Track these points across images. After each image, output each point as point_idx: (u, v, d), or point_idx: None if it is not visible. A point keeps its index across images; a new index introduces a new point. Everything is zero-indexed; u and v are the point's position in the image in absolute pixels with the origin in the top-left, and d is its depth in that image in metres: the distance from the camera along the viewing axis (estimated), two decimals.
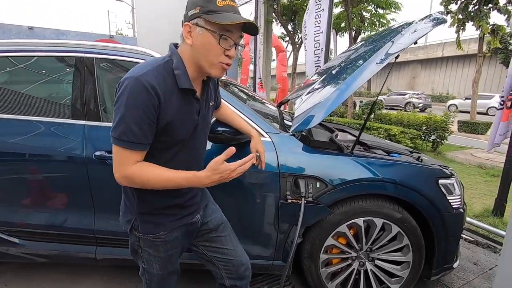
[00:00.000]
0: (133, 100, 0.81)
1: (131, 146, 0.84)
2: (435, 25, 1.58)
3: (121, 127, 0.82)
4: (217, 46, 0.85)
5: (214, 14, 0.82)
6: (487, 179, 4.62)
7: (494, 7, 8.97)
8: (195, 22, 0.84)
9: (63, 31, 11.48)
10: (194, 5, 0.84)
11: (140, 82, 0.81)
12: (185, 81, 0.88)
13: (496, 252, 2.47)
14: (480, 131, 9.38)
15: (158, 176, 0.87)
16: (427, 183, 1.61)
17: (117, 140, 0.83)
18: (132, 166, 0.86)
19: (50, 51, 1.67)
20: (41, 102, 1.68)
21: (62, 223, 1.64)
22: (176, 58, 0.89)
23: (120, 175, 0.87)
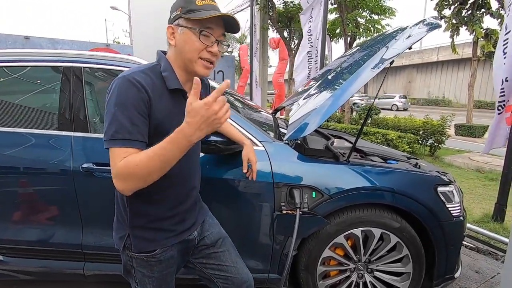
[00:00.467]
0: (123, 97, 0.79)
1: (125, 144, 0.78)
2: (430, 30, 1.56)
3: (113, 126, 0.78)
4: (198, 42, 0.85)
5: (194, 12, 0.84)
6: (486, 183, 4.59)
7: (487, 11, 9.09)
8: (177, 23, 0.86)
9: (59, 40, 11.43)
10: (175, 7, 0.87)
11: (127, 79, 0.81)
12: (173, 82, 0.87)
13: (497, 259, 2.42)
14: (477, 134, 9.39)
15: (144, 155, 0.76)
16: (425, 191, 1.56)
17: (111, 141, 0.78)
18: (119, 162, 0.77)
19: (38, 61, 1.63)
20: (27, 113, 1.63)
21: (48, 239, 1.57)
22: (163, 61, 0.90)
23: (114, 176, 0.78)
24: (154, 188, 0.88)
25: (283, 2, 9.92)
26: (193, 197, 1.04)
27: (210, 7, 0.86)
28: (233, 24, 0.89)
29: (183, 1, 0.86)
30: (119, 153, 0.77)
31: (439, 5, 9.52)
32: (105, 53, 1.72)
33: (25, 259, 1.60)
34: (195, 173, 1.05)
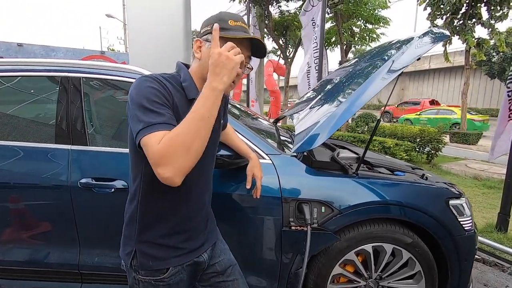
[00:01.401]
0: (148, 91, 0.77)
1: (161, 127, 0.73)
2: (438, 40, 1.54)
3: (145, 116, 0.74)
4: None
5: (225, 31, 0.83)
6: (484, 191, 4.59)
7: (478, 21, 9.30)
8: (206, 37, 0.87)
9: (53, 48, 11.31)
10: (207, 23, 0.88)
11: (149, 76, 0.81)
12: (194, 91, 0.87)
13: (504, 270, 2.38)
14: (471, 141, 9.49)
15: (181, 124, 0.73)
16: (437, 204, 1.52)
17: (147, 128, 0.72)
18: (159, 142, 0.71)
19: (34, 71, 1.57)
20: (22, 125, 1.56)
21: (42, 259, 1.48)
22: (183, 72, 0.90)
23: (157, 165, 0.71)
24: (167, 202, 0.88)
25: (279, 11, 10.01)
26: (205, 214, 1.00)
27: (242, 29, 0.87)
28: (261, 49, 0.90)
29: (216, 19, 0.86)
30: (156, 137, 0.71)
31: (432, 15, 9.72)
32: (104, 63, 1.66)
33: (17, 281, 1.51)
34: (208, 189, 1.01)
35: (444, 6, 9.04)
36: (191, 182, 0.89)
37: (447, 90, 25.77)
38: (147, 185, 0.87)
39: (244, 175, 1.45)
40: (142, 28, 4.06)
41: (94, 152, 1.47)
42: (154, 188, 0.85)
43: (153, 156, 0.71)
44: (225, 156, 1.29)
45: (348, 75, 1.98)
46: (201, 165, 0.92)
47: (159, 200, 0.88)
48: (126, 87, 1.60)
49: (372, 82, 1.49)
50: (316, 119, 1.60)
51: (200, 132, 0.73)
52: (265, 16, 9.05)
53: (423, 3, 9.77)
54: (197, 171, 0.90)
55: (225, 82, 0.75)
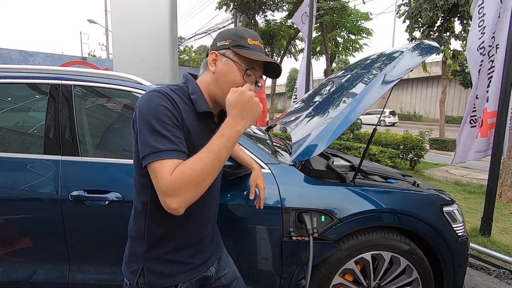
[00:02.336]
0: (157, 110, 0.74)
1: (172, 155, 0.71)
2: (428, 53, 1.61)
3: (156, 139, 0.72)
4: (240, 78, 0.84)
5: (244, 49, 0.83)
6: (466, 196, 4.77)
7: (452, 34, 9.84)
8: (223, 52, 0.84)
9: (31, 53, 10.92)
10: (224, 37, 0.85)
11: (159, 92, 0.77)
12: (203, 104, 0.84)
13: (490, 274, 2.45)
14: (449, 148, 9.89)
15: (195, 158, 0.71)
16: (432, 211, 1.56)
17: (156, 154, 0.71)
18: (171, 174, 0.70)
19: (21, 78, 1.49)
20: (9, 135, 1.47)
21: (29, 277, 1.38)
22: (191, 84, 0.87)
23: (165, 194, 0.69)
24: (176, 217, 0.82)
25: (265, 21, 10.17)
26: (211, 226, 0.98)
27: (259, 49, 0.86)
28: (276, 71, 0.90)
29: (235, 35, 0.85)
30: (166, 167, 0.70)
31: (410, 27, 10.20)
32: (95, 70, 1.61)
33: None
34: (215, 201, 0.99)
35: (422, 19, 9.51)
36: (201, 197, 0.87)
37: (425, 99, 26.90)
38: (156, 202, 0.83)
39: (243, 185, 1.43)
40: (127, 35, 4.00)
41: (87, 163, 1.40)
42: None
43: (163, 186, 0.69)
44: (226, 166, 1.27)
45: (342, 85, 2.02)
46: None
47: (168, 216, 0.83)
48: (120, 95, 1.56)
49: (368, 93, 1.52)
50: (313, 129, 1.61)
51: (214, 169, 0.73)
52: (251, 25, 9.17)
53: (402, 16, 10.25)
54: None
55: (247, 126, 0.77)
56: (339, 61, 19.10)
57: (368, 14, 9.04)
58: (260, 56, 0.83)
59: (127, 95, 1.56)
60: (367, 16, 9.03)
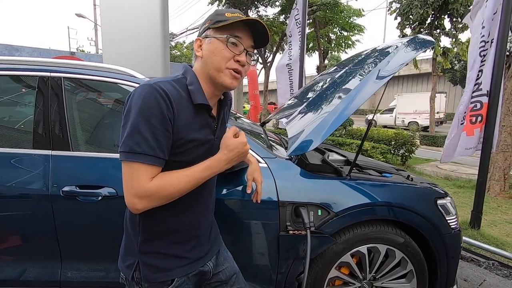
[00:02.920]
0: (147, 108, 0.72)
1: (146, 160, 0.72)
2: (423, 47, 1.61)
3: (135, 138, 0.72)
4: (226, 50, 0.81)
5: (222, 22, 0.81)
6: (455, 190, 4.87)
7: (443, 31, 9.98)
8: (205, 34, 0.84)
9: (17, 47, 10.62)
10: (205, 21, 0.85)
11: (153, 88, 0.74)
12: (199, 96, 0.82)
13: (480, 265, 2.51)
14: (439, 144, 10.07)
15: (181, 177, 0.76)
16: (427, 204, 1.57)
17: (129, 154, 0.72)
18: (151, 182, 0.73)
19: (8, 70, 1.43)
20: None
21: (20, 275, 1.34)
22: (190, 74, 0.84)
23: (135, 195, 0.72)
24: (172, 211, 0.84)
25: (257, 16, 10.10)
26: (209, 221, 0.97)
27: (235, 18, 0.83)
28: (262, 34, 0.85)
29: (213, 15, 0.84)
30: (140, 171, 0.72)
31: (401, 24, 10.30)
32: (86, 62, 1.56)
33: None
34: (212, 195, 0.98)
35: (413, 16, 9.61)
36: (197, 191, 0.86)
37: None
38: None
39: (239, 180, 1.42)
40: (116, 30, 3.90)
41: (78, 157, 1.36)
42: None
43: (138, 190, 0.72)
44: None
45: (335, 81, 2.01)
46: None
47: (163, 210, 0.82)
48: (112, 88, 1.52)
49: (363, 88, 1.52)
50: (308, 123, 1.60)
51: (188, 190, 0.79)
52: None
53: (393, 13, 10.33)
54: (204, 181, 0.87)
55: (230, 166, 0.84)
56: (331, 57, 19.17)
57: (360, 11, 9.10)
58: (236, 18, 0.80)
59: (119, 88, 1.51)
60: (360, 12, 9.08)
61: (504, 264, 2.50)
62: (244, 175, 1.42)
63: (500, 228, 3.32)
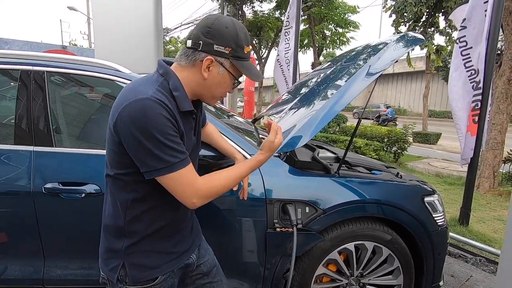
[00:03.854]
0: (158, 121, 0.73)
1: (184, 164, 0.77)
2: (413, 44, 1.61)
3: (166, 153, 0.74)
4: (230, 87, 0.86)
5: (242, 62, 0.82)
6: (446, 187, 4.93)
7: (437, 29, 10.02)
8: (221, 61, 0.80)
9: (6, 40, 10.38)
10: (223, 43, 0.79)
11: (154, 101, 0.73)
12: (186, 103, 0.81)
13: (467, 261, 2.55)
14: (431, 141, 10.18)
15: (227, 176, 0.84)
16: (414, 202, 1.58)
17: (172, 167, 0.75)
18: (199, 180, 0.80)
19: None
20: None
21: (1, 273, 1.32)
22: (172, 78, 0.80)
23: (194, 196, 0.78)
24: (156, 209, 0.84)
25: (252, 12, 10.03)
26: (190, 214, 0.97)
27: (249, 55, 0.87)
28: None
29: (234, 42, 0.79)
30: (188, 174, 0.77)
31: (396, 22, 10.30)
32: (71, 56, 1.52)
33: None
34: None
35: (407, 14, 9.62)
36: None
37: (409, 93, 27.49)
38: (138, 199, 0.81)
39: None
40: (109, 24, 3.83)
41: (61, 153, 1.33)
42: (145, 199, 0.82)
43: (194, 191, 0.78)
44: (209, 157, 1.24)
45: (327, 77, 2.00)
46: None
47: (149, 209, 0.83)
48: (96, 83, 1.48)
49: (352, 85, 1.51)
50: (298, 120, 1.59)
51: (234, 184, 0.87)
52: (238, 15, 9.02)
53: (388, 10, 10.33)
54: None
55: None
56: (326, 54, 19.16)
57: (355, 7, 9.09)
58: (255, 74, 0.85)
59: (105, 83, 1.48)
60: (355, 9, 9.07)
61: (490, 260, 2.55)
62: None
63: (488, 224, 3.38)
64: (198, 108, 0.92)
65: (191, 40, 0.79)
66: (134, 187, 0.80)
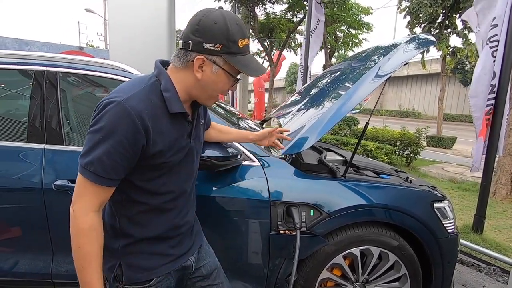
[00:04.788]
0: (112, 129, 0.70)
1: (96, 180, 0.72)
2: (424, 46, 1.57)
3: (90, 155, 0.71)
4: (228, 85, 0.81)
5: (237, 57, 0.76)
6: (460, 193, 4.78)
7: (454, 31, 9.75)
8: (212, 59, 0.76)
9: (27, 41, 10.78)
10: (213, 40, 0.74)
11: (124, 107, 0.70)
12: (176, 105, 0.77)
13: (480, 270, 2.46)
14: (446, 145, 9.90)
15: (86, 254, 0.75)
16: (423, 207, 1.54)
17: (82, 169, 0.72)
18: (90, 213, 0.74)
19: (5, 63, 1.44)
20: None
21: (11, 268, 1.36)
22: (164, 79, 0.78)
23: (76, 208, 0.74)
24: (154, 211, 0.83)
25: (264, 13, 10.04)
26: (191, 218, 0.96)
27: (247, 48, 0.80)
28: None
29: (225, 38, 0.74)
30: (88, 188, 0.73)
31: (411, 23, 10.10)
32: (82, 57, 1.56)
33: None
34: (194, 192, 0.98)
35: (422, 15, 9.41)
36: (179, 191, 0.87)
37: (423, 96, 26.86)
38: (130, 201, 0.82)
39: (230, 177, 1.41)
40: (124, 25, 3.92)
41: (71, 152, 1.37)
42: (140, 200, 0.81)
43: (78, 202, 0.74)
44: (213, 158, 1.24)
45: (336, 78, 1.98)
46: (188, 173, 0.90)
47: (145, 211, 0.82)
48: (106, 83, 1.52)
49: (361, 86, 1.49)
50: (304, 122, 1.58)
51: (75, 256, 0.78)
52: (250, 17, 9.05)
53: (403, 11, 10.13)
54: (184, 179, 0.88)
55: None
56: (338, 56, 18.97)
57: (368, 9, 8.96)
58: (255, 69, 0.79)
59: (114, 83, 1.51)
60: (368, 10, 8.95)
61: (505, 270, 2.45)
62: (235, 173, 1.41)
63: (504, 233, 3.25)
64: (195, 111, 0.88)
65: (182, 41, 0.76)
66: (123, 189, 0.79)
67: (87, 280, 0.74)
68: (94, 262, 0.75)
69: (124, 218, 0.82)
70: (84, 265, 0.74)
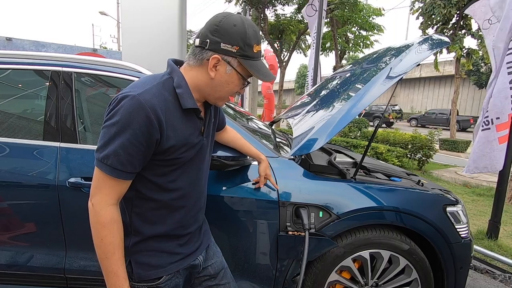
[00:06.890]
0: (127, 122, 0.71)
1: (113, 173, 0.74)
2: (437, 47, 1.54)
3: (107, 148, 0.73)
4: (238, 86, 0.84)
5: (251, 61, 0.80)
6: (474, 198, 4.66)
7: (468, 32, 9.54)
8: (228, 60, 0.79)
9: (43, 43, 11.09)
10: (230, 41, 0.77)
11: (138, 101, 0.72)
12: (189, 101, 0.80)
13: (495, 278, 2.39)
14: (460, 149, 9.66)
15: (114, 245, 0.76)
16: (435, 211, 1.51)
17: (99, 163, 0.74)
18: (109, 206, 0.76)
19: (23, 64, 1.49)
20: (9, 120, 1.48)
21: (26, 262, 1.40)
22: (177, 76, 0.80)
23: (95, 201, 0.76)
24: (164, 209, 0.85)
25: (274, 15, 10.05)
26: (200, 217, 0.97)
27: (260, 54, 0.83)
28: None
29: (243, 41, 0.78)
30: (105, 181, 0.75)
31: (424, 24, 9.93)
32: (96, 58, 1.60)
33: None
34: (204, 191, 0.98)
35: (435, 16, 9.24)
36: (189, 188, 0.88)
37: (437, 98, 26.32)
38: (141, 197, 0.83)
39: (239, 177, 1.42)
40: (136, 27, 3.99)
41: (84, 150, 1.40)
42: (151, 197, 0.83)
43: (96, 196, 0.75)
44: (223, 158, 1.25)
45: (346, 80, 1.97)
46: (199, 171, 0.91)
47: (156, 208, 0.84)
48: (119, 83, 1.55)
49: (372, 88, 1.48)
50: (314, 123, 1.57)
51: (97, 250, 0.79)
52: (261, 19, 9.07)
53: (415, 12, 9.97)
54: (195, 176, 0.89)
55: None
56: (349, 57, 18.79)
57: (380, 10, 8.85)
58: (266, 74, 0.82)
59: (127, 83, 1.54)
60: (379, 11, 8.84)
61: None
62: (244, 173, 1.42)
63: None
64: (207, 110, 0.90)
65: (199, 39, 0.79)
66: (134, 185, 0.81)
67: (112, 269, 0.76)
68: (118, 252, 0.76)
69: (135, 215, 0.84)
70: (107, 255, 0.76)
